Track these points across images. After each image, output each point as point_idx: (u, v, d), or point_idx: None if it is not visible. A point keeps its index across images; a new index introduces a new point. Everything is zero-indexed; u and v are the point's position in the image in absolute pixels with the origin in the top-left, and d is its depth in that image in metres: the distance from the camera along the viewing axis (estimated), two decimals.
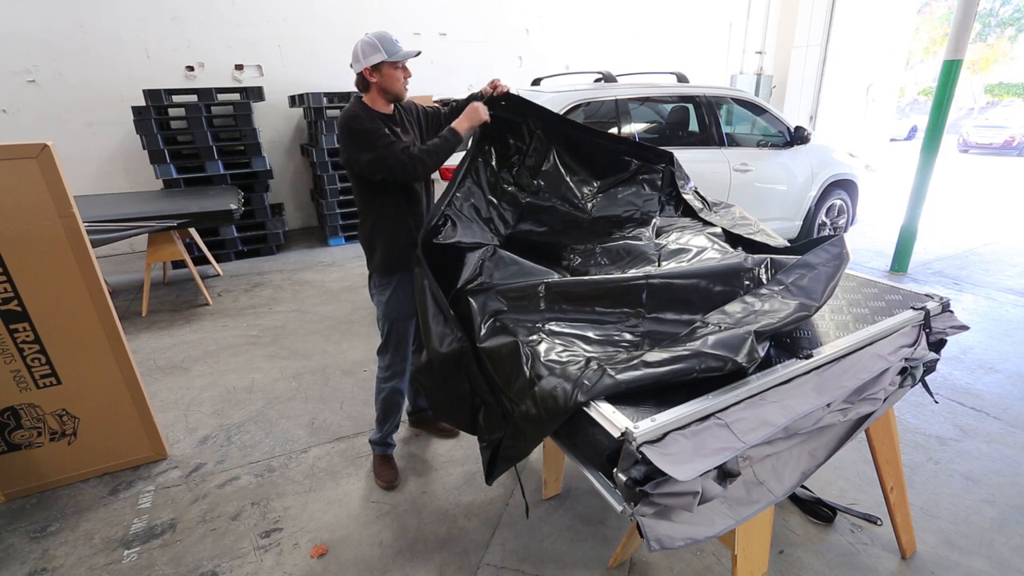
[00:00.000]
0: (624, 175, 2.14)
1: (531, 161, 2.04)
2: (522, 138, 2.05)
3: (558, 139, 2.08)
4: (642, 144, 2.18)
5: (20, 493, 2.20)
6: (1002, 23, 23.96)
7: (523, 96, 2.07)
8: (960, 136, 15.46)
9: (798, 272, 1.36)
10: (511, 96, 2.03)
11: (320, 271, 5.16)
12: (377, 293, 2.10)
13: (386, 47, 1.86)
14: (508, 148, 2.04)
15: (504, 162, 2.03)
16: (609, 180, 2.13)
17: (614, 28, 8.25)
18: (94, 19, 5.30)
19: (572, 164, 2.10)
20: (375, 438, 2.26)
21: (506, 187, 2.00)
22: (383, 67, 1.87)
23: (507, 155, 2.04)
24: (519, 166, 2.04)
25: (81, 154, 5.51)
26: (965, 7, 3.83)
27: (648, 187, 2.12)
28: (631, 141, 2.20)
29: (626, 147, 2.17)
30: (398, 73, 1.91)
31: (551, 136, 2.07)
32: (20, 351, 2.06)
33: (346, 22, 6.41)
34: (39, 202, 1.95)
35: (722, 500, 1.09)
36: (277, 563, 1.85)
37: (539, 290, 1.49)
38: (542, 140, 2.06)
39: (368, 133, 1.84)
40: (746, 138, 4.82)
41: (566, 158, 2.09)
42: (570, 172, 2.09)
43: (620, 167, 2.14)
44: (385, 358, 2.16)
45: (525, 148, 2.05)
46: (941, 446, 2.37)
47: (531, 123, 2.05)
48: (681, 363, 1.11)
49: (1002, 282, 4.37)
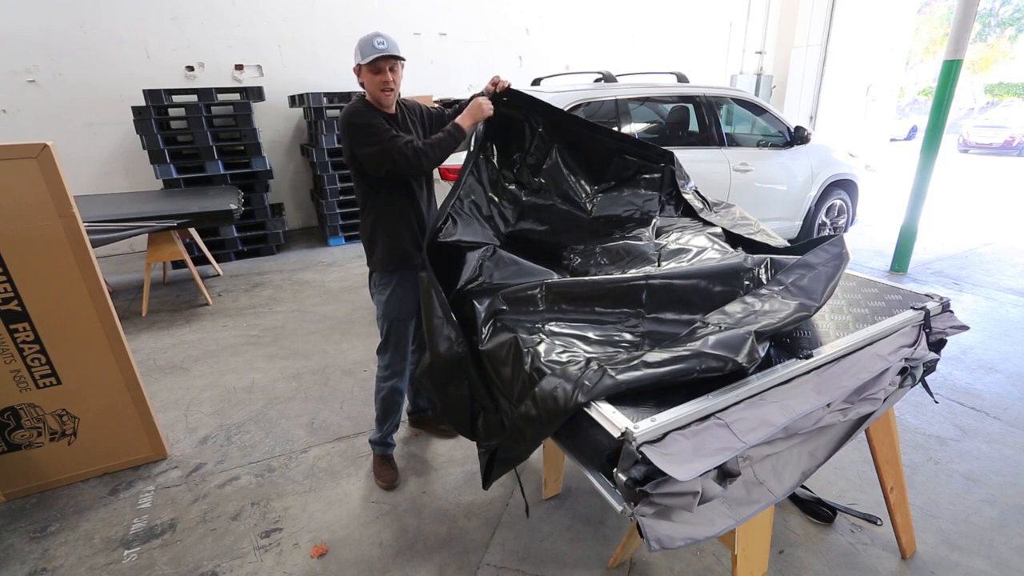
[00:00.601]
0: (625, 174, 2.13)
1: (532, 159, 2.04)
2: (524, 136, 2.04)
3: (560, 137, 2.08)
4: (643, 143, 2.18)
5: (20, 493, 2.20)
6: (1002, 23, 23.96)
7: (525, 91, 2.07)
8: (960, 136, 15.45)
9: (798, 272, 1.36)
10: (513, 92, 2.03)
11: (320, 271, 5.16)
12: (377, 292, 2.09)
13: (362, 49, 1.83)
14: (510, 146, 2.04)
15: (506, 160, 2.03)
16: (609, 180, 2.12)
17: (614, 28, 8.25)
18: (94, 19, 5.30)
19: (573, 163, 2.10)
20: (375, 438, 2.26)
21: (507, 185, 2.00)
22: (362, 70, 1.86)
23: (509, 153, 2.04)
24: (520, 164, 2.04)
25: (81, 154, 5.51)
26: (965, 7, 3.83)
27: (648, 187, 2.11)
28: (632, 139, 2.19)
29: (627, 145, 2.17)
30: (375, 77, 1.85)
31: (553, 134, 2.07)
32: (20, 351, 2.06)
33: (346, 22, 6.41)
34: (39, 202, 1.95)
35: (722, 500, 1.09)
36: (277, 563, 1.85)
37: (539, 291, 1.49)
38: (544, 138, 2.05)
39: (370, 127, 1.83)
40: (746, 138, 4.82)
41: (567, 157, 2.09)
42: (571, 171, 2.09)
43: (620, 167, 2.14)
44: (385, 357, 2.16)
45: (527, 146, 2.04)
46: (941, 446, 2.37)
47: (533, 120, 2.05)
48: (681, 363, 1.11)
49: (1002, 282, 4.37)
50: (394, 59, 1.86)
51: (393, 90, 1.90)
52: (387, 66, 1.85)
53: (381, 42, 1.82)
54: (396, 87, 1.91)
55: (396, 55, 1.85)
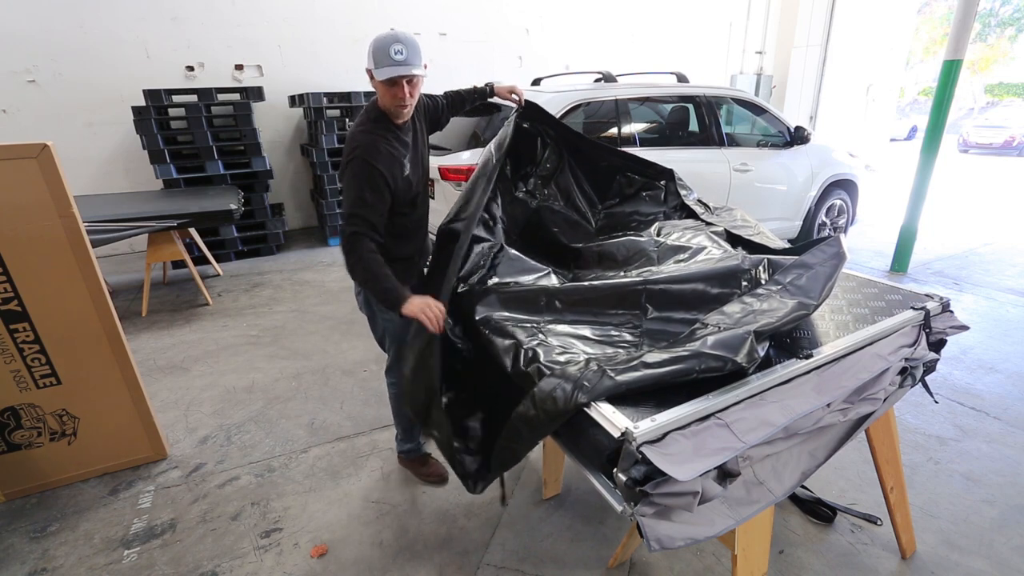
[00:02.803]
0: (628, 191, 2.19)
1: (544, 171, 2.10)
2: (535, 149, 2.10)
3: (570, 152, 2.14)
4: (645, 161, 2.22)
5: (20, 493, 2.20)
6: (1002, 23, 23.96)
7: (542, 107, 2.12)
8: (960, 136, 15.47)
9: (795, 272, 1.36)
10: (531, 104, 2.07)
11: (320, 271, 5.16)
12: (380, 311, 1.95)
13: (376, 57, 1.59)
14: (522, 158, 2.08)
15: (518, 171, 2.08)
16: (614, 197, 2.18)
17: (614, 28, 8.25)
18: (94, 19, 5.29)
19: (581, 178, 2.16)
20: (407, 447, 2.23)
21: (518, 194, 2.04)
22: (372, 76, 1.65)
23: (521, 164, 2.09)
24: (532, 175, 2.09)
25: (81, 154, 5.51)
26: (965, 7, 3.83)
27: (652, 202, 2.16)
28: (635, 157, 2.23)
29: (630, 163, 2.21)
30: (389, 90, 1.63)
31: (563, 149, 2.13)
32: (20, 351, 2.06)
33: (346, 22, 6.41)
34: (39, 202, 1.95)
35: (722, 500, 1.09)
36: (277, 563, 1.85)
37: (539, 293, 1.51)
38: (556, 152, 2.11)
39: (357, 180, 1.63)
40: (746, 138, 4.82)
41: (577, 172, 2.15)
42: (579, 186, 2.15)
43: (624, 184, 2.20)
44: (394, 375, 2.11)
45: (539, 158, 2.10)
46: (941, 446, 2.37)
47: (546, 135, 2.10)
48: (681, 364, 1.11)
49: (1002, 282, 4.37)
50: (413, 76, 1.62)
51: (408, 105, 1.68)
52: (403, 80, 1.61)
53: (399, 51, 1.55)
54: (413, 101, 1.69)
55: (415, 73, 1.61)
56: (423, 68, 1.65)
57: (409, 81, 1.63)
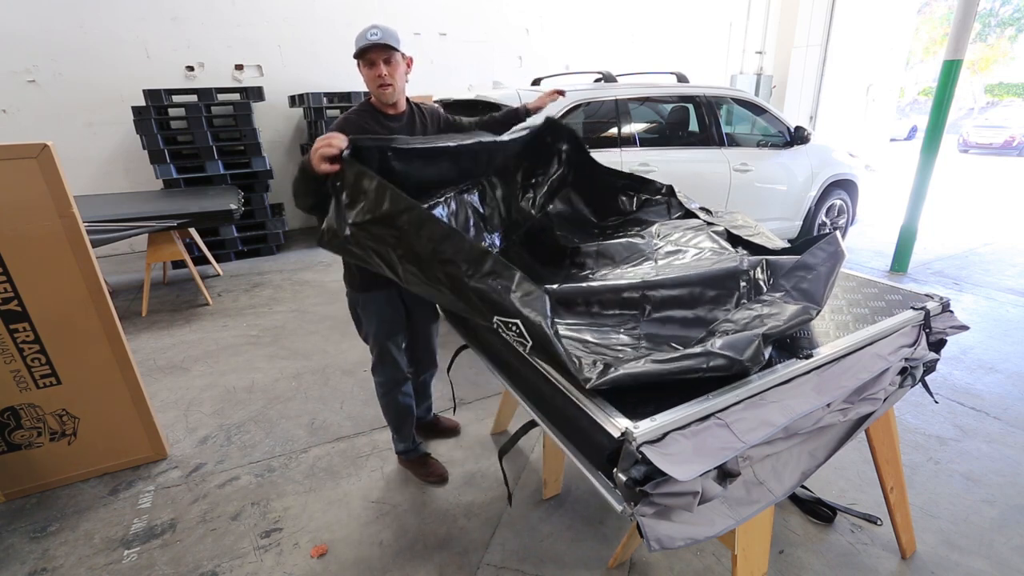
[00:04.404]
0: (629, 208, 2.21)
1: (553, 186, 2.13)
2: (550, 160, 2.13)
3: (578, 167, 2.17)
4: (646, 179, 2.24)
5: (20, 493, 2.20)
6: (1002, 23, 23.97)
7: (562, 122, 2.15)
8: (960, 136, 15.46)
9: (797, 275, 1.37)
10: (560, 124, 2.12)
11: (320, 271, 5.16)
12: (363, 312, 1.98)
13: (356, 43, 1.68)
14: (534, 170, 2.11)
15: (527, 180, 2.11)
16: (616, 216, 2.20)
17: (614, 28, 8.25)
18: (94, 19, 5.30)
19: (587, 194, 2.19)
20: (402, 448, 2.24)
21: (522, 204, 2.07)
22: (358, 66, 1.74)
23: (530, 175, 2.11)
24: (540, 187, 2.12)
25: (81, 154, 5.51)
26: (965, 7, 3.83)
27: (655, 214, 2.17)
28: (636, 176, 2.25)
29: (632, 182, 2.23)
30: (368, 72, 1.71)
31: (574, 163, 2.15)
32: (20, 351, 2.06)
33: (346, 22, 6.41)
34: (39, 202, 1.95)
35: (722, 500, 1.09)
36: (277, 563, 1.85)
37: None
38: (568, 165, 2.14)
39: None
40: (746, 138, 4.82)
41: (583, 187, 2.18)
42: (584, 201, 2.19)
43: (625, 202, 2.22)
44: (381, 374, 2.09)
45: (550, 174, 2.13)
46: (941, 446, 2.37)
47: (562, 155, 2.13)
48: (689, 360, 1.11)
49: (1002, 282, 4.37)
50: (387, 50, 1.67)
51: (391, 85, 1.72)
52: (380, 58, 1.68)
53: (375, 32, 1.65)
54: (395, 82, 1.73)
55: (387, 44, 1.66)
56: (401, 52, 1.74)
57: (387, 61, 1.70)
